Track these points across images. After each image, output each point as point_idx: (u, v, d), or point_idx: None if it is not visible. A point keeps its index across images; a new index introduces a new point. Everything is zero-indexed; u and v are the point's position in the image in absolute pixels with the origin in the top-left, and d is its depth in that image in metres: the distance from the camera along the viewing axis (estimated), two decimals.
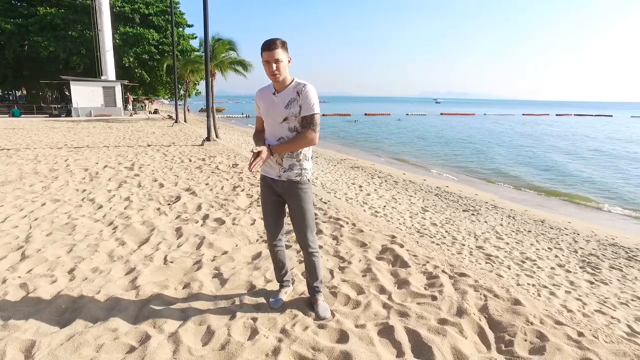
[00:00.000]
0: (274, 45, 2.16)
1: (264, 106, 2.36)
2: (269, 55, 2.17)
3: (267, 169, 2.43)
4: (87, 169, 7.61)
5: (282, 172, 2.37)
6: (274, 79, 2.24)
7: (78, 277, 3.05)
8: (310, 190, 2.45)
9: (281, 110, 2.27)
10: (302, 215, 2.42)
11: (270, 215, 2.53)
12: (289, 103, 2.26)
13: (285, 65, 2.23)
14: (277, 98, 2.29)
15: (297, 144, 2.29)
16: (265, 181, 2.49)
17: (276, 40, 2.17)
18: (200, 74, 23.00)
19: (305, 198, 2.41)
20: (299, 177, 2.38)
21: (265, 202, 2.52)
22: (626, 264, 6.94)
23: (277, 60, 2.17)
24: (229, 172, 7.53)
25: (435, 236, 7.37)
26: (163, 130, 16.92)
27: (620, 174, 18.81)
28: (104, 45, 26.33)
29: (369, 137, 32.82)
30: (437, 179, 15.79)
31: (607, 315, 4.71)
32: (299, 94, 2.25)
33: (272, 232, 2.55)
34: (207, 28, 11.76)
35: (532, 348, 2.26)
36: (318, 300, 2.59)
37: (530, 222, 9.48)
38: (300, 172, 2.38)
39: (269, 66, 2.18)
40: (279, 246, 2.61)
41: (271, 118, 2.32)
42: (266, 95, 2.36)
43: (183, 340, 2.24)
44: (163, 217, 4.69)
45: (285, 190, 2.41)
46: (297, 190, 2.39)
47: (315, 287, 2.59)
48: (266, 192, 2.50)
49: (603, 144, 31.59)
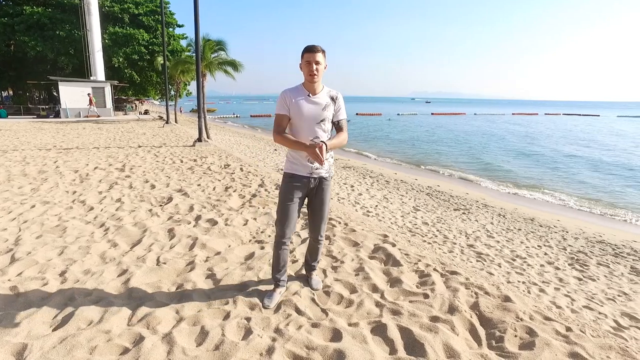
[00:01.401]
0: (316, 49, 2.38)
1: (298, 106, 2.46)
2: (311, 56, 2.37)
3: (299, 168, 2.55)
4: (77, 171, 7.54)
5: (313, 170, 2.54)
6: (311, 80, 2.42)
7: (70, 279, 3.03)
8: (331, 185, 2.62)
9: (320, 113, 2.48)
10: (324, 209, 2.69)
11: (293, 214, 2.61)
12: (326, 107, 2.49)
13: (323, 69, 2.43)
14: (314, 100, 2.48)
15: (340, 143, 2.53)
16: (294, 179, 2.57)
17: (317, 46, 2.39)
18: (191, 75, 22.84)
19: (329, 192, 2.68)
20: (327, 174, 2.62)
21: (291, 200, 2.58)
22: (613, 260, 7.07)
23: (317, 62, 2.37)
24: (221, 173, 7.51)
25: (427, 235, 7.43)
26: (154, 131, 16.80)
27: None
28: (93, 46, 26.05)
29: (361, 136, 33.01)
30: (429, 178, 15.90)
31: (595, 311, 4.79)
32: (333, 100, 2.53)
33: (290, 230, 2.65)
34: (197, 28, 11.71)
35: (522, 343, 2.31)
36: (312, 275, 3.01)
37: (520, 220, 9.59)
38: (328, 169, 2.63)
39: (309, 66, 2.37)
40: (287, 244, 2.70)
41: (310, 118, 2.47)
42: (300, 96, 2.48)
43: (177, 341, 2.24)
44: (155, 218, 4.67)
45: (314, 186, 2.60)
46: (325, 186, 2.63)
47: (312, 265, 2.99)
48: (294, 191, 2.57)
49: (591, 143, 32.07)
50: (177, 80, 25.42)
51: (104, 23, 28.29)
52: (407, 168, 18.87)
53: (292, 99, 2.47)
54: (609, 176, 18.21)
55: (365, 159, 20.72)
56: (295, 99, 2.47)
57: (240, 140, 23.88)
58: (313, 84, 2.45)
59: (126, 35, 29.48)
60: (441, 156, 23.28)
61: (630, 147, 30.08)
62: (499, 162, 21.58)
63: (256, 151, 18.48)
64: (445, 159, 22.33)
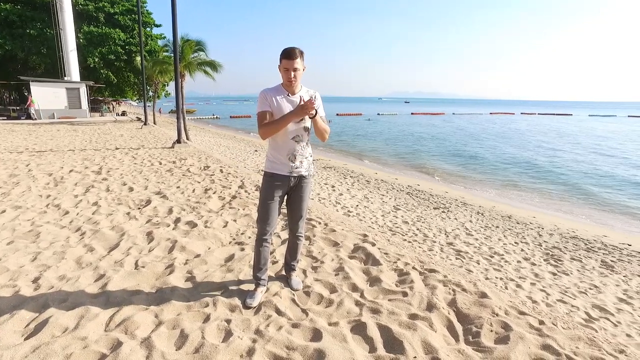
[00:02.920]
0: (294, 55, 2.37)
1: (278, 106, 2.49)
2: (289, 63, 2.39)
3: (279, 167, 2.58)
4: (51, 174, 7.33)
5: (294, 169, 2.58)
6: (289, 85, 2.48)
7: (44, 285, 2.95)
8: (312, 182, 2.70)
9: None
10: (303, 206, 2.72)
11: (273, 212, 2.64)
12: None
13: (301, 73, 2.48)
14: (294, 100, 2.52)
15: (325, 127, 2.58)
16: (274, 178, 2.59)
17: (296, 50, 2.38)
18: (169, 75, 22.49)
19: (309, 190, 2.72)
20: (307, 172, 2.66)
21: (272, 199, 2.61)
22: (585, 255, 7.32)
23: (295, 69, 2.40)
24: (201, 175, 7.44)
25: (407, 234, 7.53)
26: (132, 132, 16.47)
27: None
28: (67, 45, 25.28)
29: (342, 136, 33.16)
30: (409, 178, 16.10)
31: (568, 304, 4.96)
32: (312, 98, 2.50)
33: (271, 228, 2.68)
34: (175, 27, 11.54)
35: (498, 338, 2.38)
36: (292, 275, 3.02)
37: (498, 218, 9.82)
38: (308, 167, 2.66)
39: (288, 73, 2.42)
40: (268, 241, 2.73)
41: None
42: (279, 96, 2.51)
43: (156, 345, 2.22)
44: (133, 221, 4.59)
45: (294, 184, 2.64)
46: (305, 184, 2.67)
47: (292, 264, 3.01)
48: (275, 189, 2.60)
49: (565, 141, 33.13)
50: (156, 81, 25.00)
51: (78, 22, 27.49)
52: (387, 167, 19.07)
53: (272, 97, 2.50)
54: (579, 174, 18.84)
55: (346, 159, 20.81)
56: (276, 97, 2.50)
57: (220, 141, 23.65)
58: (292, 87, 2.51)
59: (102, 34, 28.75)
60: (422, 155, 23.63)
61: (595, 144, 31.39)
62: (470, 160, 22.35)
63: (236, 152, 18.34)
64: (425, 157, 22.68)
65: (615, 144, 31.62)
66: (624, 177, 17.96)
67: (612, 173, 18.86)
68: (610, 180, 17.14)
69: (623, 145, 31.18)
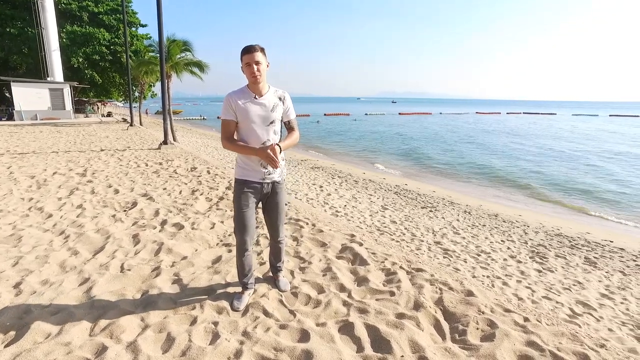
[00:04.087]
0: (253, 49, 2.27)
1: (245, 110, 2.36)
2: (250, 57, 2.27)
3: (250, 174, 2.47)
4: (33, 176, 7.18)
5: (266, 175, 2.49)
6: (254, 81, 2.33)
7: (25, 291, 2.89)
8: (285, 188, 2.65)
9: (268, 114, 2.40)
10: (279, 212, 2.64)
11: (250, 221, 2.54)
12: (274, 108, 2.42)
13: (265, 68, 2.34)
14: (261, 102, 2.39)
15: (293, 142, 2.51)
16: (247, 186, 2.48)
17: (255, 45, 2.29)
18: (156, 76, 22.21)
19: (284, 195, 2.64)
20: (280, 177, 2.57)
21: (247, 207, 2.50)
22: (569, 252, 7.47)
23: (257, 62, 2.28)
24: (188, 176, 7.37)
25: (395, 233, 7.58)
26: (117, 134, 16.24)
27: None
28: (49, 45, 24.80)
29: (330, 137, 33.27)
30: (395, 177, 16.20)
31: (553, 301, 5.05)
32: (281, 99, 2.47)
33: (249, 237, 2.57)
34: (161, 27, 11.42)
35: (483, 335, 2.40)
36: (279, 277, 2.97)
37: (485, 217, 9.94)
38: (281, 173, 2.57)
39: (250, 68, 2.28)
40: (249, 250, 2.63)
41: (259, 121, 2.38)
42: (245, 99, 2.38)
43: (142, 349, 2.19)
44: (119, 224, 4.53)
45: (268, 191, 2.54)
46: (279, 190, 2.58)
47: (278, 266, 2.95)
48: (248, 197, 2.49)
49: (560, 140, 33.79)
50: (142, 82, 24.68)
51: (61, 21, 27.00)
52: (375, 167, 19.15)
53: (237, 102, 2.37)
54: (562, 169, 19.22)
55: (335, 160, 20.84)
56: (241, 102, 2.37)
57: (207, 142, 23.49)
58: (257, 85, 2.36)
59: (85, 34, 28.26)
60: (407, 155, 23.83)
61: (577, 141, 32.36)
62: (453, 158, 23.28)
63: (224, 153, 18.23)
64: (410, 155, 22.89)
65: (561, 141, 33.72)
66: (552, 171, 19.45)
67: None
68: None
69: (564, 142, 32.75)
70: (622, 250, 7.85)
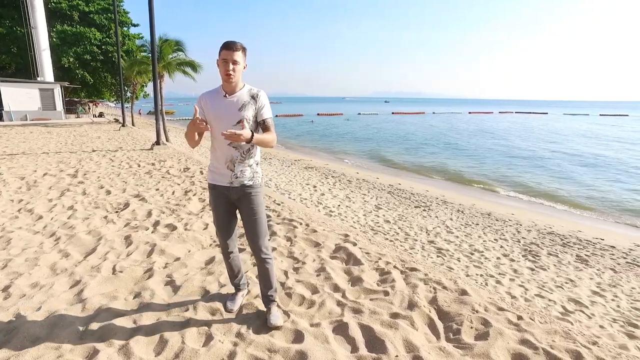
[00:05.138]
0: (235, 47, 2.14)
1: (212, 110, 2.28)
2: (228, 54, 2.14)
3: (218, 177, 2.37)
4: (23, 178, 7.09)
5: (234, 179, 2.34)
6: (227, 79, 2.20)
7: (14, 294, 2.85)
8: (262, 194, 2.44)
9: (234, 113, 2.24)
10: (254, 221, 2.38)
11: (223, 224, 2.47)
12: (243, 106, 2.25)
13: (241, 69, 2.22)
14: (229, 101, 2.25)
15: (266, 140, 2.25)
16: (216, 190, 2.41)
17: (237, 43, 2.16)
18: (148, 76, 22.05)
19: (257, 202, 2.38)
20: (251, 181, 2.36)
21: (217, 211, 2.45)
22: (561, 250, 7.53)
23: (235, 61, 2.16)
24: (180, 177, 7.32)
25: (389, 233, 7.59)
26: (109, 134, 16.10)
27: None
28: (39, 44, 24.50)
29: (323, 137, 33.29)
30: (390, 177, 16.23)
31: (545, 299, 5.09)
32: (254, 98, 2.27)
33: (226, 240, 2.51)
34: (153, 26, 11.34)
35: (478, 334, 2.41)
36: (271, 309, 2.51)
37: (478, 216, 9.99)
38: (252, 176, 2.37)
39: (226, 65, 2.15)
40: (234, 253, 2.59)
41: (224, 121, 2.25)
42: (215, 98, 2.28)
43: (135, 352, 2.17)
44: (111, 225, 4.48)
45: (238, 195, 2.36)
46: (250, 195, 2.36)
47: (269, 295, 2.51)
48: (218, 201, 2.43)
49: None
50: (134, 82, 24.49)
51: (51, 20, 26.70)
52: (368, 169, 19.19)
53: (207, 101, 2.29)
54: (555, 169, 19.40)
55: (328, 159, 20.84)
56: (211, 100, 2.28)
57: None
58: (230, 84, 2.23)
59: (76, 33, 27.99)
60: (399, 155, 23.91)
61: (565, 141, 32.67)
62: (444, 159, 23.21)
63: None
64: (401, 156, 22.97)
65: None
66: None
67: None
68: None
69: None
70: (612, 248, 7.93)
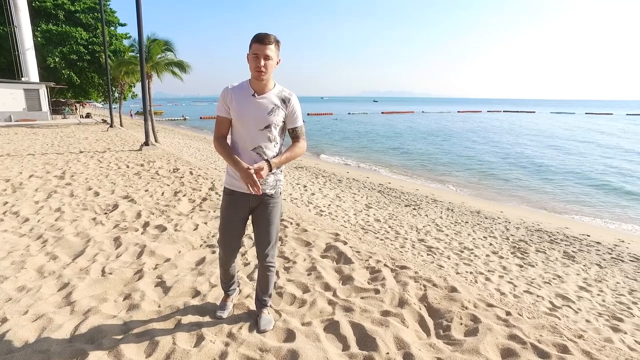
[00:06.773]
0: (267, 40, 1.96)
1: (238, 109, 2.07)
2: (260, 48, 1.96)
3: (238, 183, 2.15)
4: (8, 180, 6.97)
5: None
6: (257, 76, 2.01)
7: (0, 298, 2.80)
8: (280, 204, 2.32)
9: (263, 116, 2.07)
10: (269, 229, 2.26)
11: (234, 234, 2.31)
12: (273, 110, 2.08)
13: (274, 65, 2.03)
14: (258, 101, 2.07)
15: (294, 156, 2.14)
16: (234, 196, 2.21)
17: (271, 36, 1.98)
18: (136, 76, 21.81)
19: (276, 211, 2.27)
20: (273, 190, 2.23)
21: (232, 221, 2.27)
22: (549, 247, 7.65)
23: (267, 56, 1.97)
24: (170, 177, 7.27)
25: (379, 232, 7.63)
26: (97, 135, 15.89)
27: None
28: (23, 44, 24.06)
29: (313, 136, 33.35)
30: (379, 176, 16.32)
31: (534, 294, 5.17)
32: (284, 102, 2.12)
33: (233, 252, 2.39)
34: (140, 25, 11.23)
35: (467, 330, 2.44)
36: (263, 313, 2.47)
37: (467, 214, 10.10)
38: (275, 184, 2.23)
39: (257, 60, 1.96)
40: (234, 265, 2.50)
41: (251, 123, 2.07)
42: (243, 95, 2.08)
43: (125, 354, 2.15)
44: (99, 227, 4.43)
45: (257, 203, 2.22)
46: (270, 204, 2.23)
47: (264, 300, 2.46)
48: (235, 209, 2.24)
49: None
50: (122, 82, 24.22)
51: (35, 19, 26.26)
52: (360, 168, 19.26)
53: (233, 98, 2.08)
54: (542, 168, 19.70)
55: (317, 159, 20.86)
56: (237, 98, 2.08)
57: (190, 143, 23.20)
58: (260, 82, 2.05)
59: (62, 33, 27.54)
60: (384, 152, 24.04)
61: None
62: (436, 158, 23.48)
63: (207, 154, 18.04)
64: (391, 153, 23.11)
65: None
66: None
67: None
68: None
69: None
70: (598, 244, 8.09)
